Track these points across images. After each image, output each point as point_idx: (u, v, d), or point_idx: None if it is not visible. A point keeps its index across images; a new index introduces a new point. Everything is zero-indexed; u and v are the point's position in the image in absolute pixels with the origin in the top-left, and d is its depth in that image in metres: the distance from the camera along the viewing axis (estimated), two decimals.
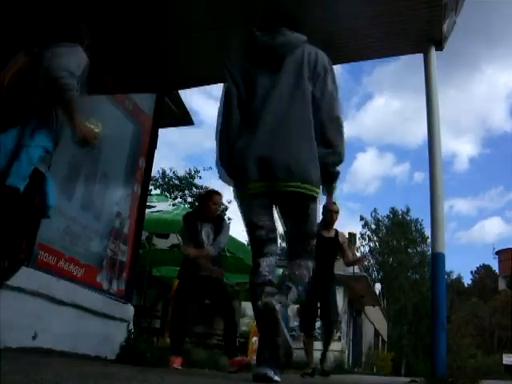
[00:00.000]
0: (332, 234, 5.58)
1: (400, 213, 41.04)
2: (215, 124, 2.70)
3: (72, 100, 2.41)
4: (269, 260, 2.51)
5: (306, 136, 2.49)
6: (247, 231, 2.63)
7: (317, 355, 5.81)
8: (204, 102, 60.38)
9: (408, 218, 40.83)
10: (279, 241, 2.75)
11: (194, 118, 6.86)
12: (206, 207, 4.66)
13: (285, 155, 2.42)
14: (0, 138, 2.33)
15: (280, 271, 2.68)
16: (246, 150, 2.49)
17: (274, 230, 2.59)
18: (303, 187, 2.42)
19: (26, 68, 2.47)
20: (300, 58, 2.62)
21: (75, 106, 2.43)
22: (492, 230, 73.18)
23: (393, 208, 41.54)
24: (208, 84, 6.72)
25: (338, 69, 3.15)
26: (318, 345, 5.94)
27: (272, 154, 2.43)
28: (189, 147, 61.62)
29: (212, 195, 4.83)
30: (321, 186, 2.57)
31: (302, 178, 2.43)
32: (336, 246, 5.61)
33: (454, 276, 49.38)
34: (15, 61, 2.48)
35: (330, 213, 5.64)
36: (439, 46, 5.17)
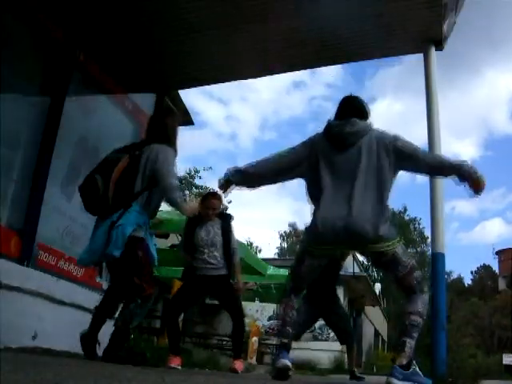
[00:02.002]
0: None
1: (398, 212, 40.96)
2: (219, 126, 2.91)
3: (178, 198, 3.22)
4: None
5: (378, 203, 2.91)
6: (292, 270, 3.15)
7: (318, 355, 5.80)
8: (206, 103, 60.17)
9: (407, 218, 40.80)
10: (280, 240, 2.99)
11: (195, 119, 6.86)
12: (202, 210, 4.52)
13: (364, 223, 2.82)
14: (107, 221, 3.17)
15: (281, 271, 2.80)
16: (330, 218, 2.89)
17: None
18: (385, 245, 2.83)
19: (126, 166, 3.24)
20: (368, 140, 3.03)
21: (181, 201, 3.25)
22: (493, 231, 73.02)
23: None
24: (208, 84, 6.73)
25: (339, 69, 3.29)
26: (317, 345, 5.94)
27: (354, 222, 2.82)
28: (192, 148, 61.54)
29: (206, 197, 4.55)
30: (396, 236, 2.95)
31: (385, 237, 2.84)
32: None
33: (454, 276, 49.43)
34: (122, 162, 3.25)
35: None
36: (439, 46, 5.18)
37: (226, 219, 4.54)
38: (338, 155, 3.04)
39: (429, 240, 29.34)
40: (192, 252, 4.39)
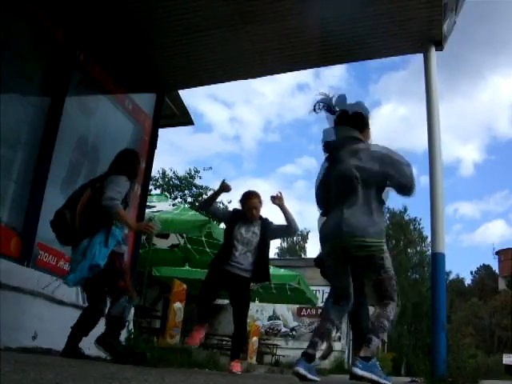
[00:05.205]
0: None
1: (398, 213, 40.90)
2: (223, 128, 2.94)
3: (115, 213, 3.59)
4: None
5: (369, 208, 3.12)
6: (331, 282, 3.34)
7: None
8: (210, 106, 60.03)
9: (407, 218, 40.74)
10: (280, 240, 3.13)
11: (200, 122, 6.90)
12: (245, 209, 4.45)
13: (358, 225, 3.08)
14: (83, 243, 3.56)
15: (281, 271, 2.82)
16: (331, 222, 3.19)
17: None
18: (370, 241, 3.05)
19: (89, 198, 3.66)
20: (356, 148, 3.18)
21: (120, 216, 3.63)
22: (495, 232, 73.04)
23: (389, 208, 41.35)
24: (208, 84, 6.73)
25: (343, 72, 3.32)
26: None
27: (351, 223, 3.09)
28: (196, 150, 61.56)
29: (246, 197, 4.49)
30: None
31: (371, 234, 3.07)
32: None
33: (454, 276, 49.40)
34: (85, 194, 3.68)
35: None
36: (439, 46, 5.18)
37: (267, 225, 4.50)
38: (334, 166, 3.25)
39: (428, 240, 29.36)
40: (227, 248, 4.40)
